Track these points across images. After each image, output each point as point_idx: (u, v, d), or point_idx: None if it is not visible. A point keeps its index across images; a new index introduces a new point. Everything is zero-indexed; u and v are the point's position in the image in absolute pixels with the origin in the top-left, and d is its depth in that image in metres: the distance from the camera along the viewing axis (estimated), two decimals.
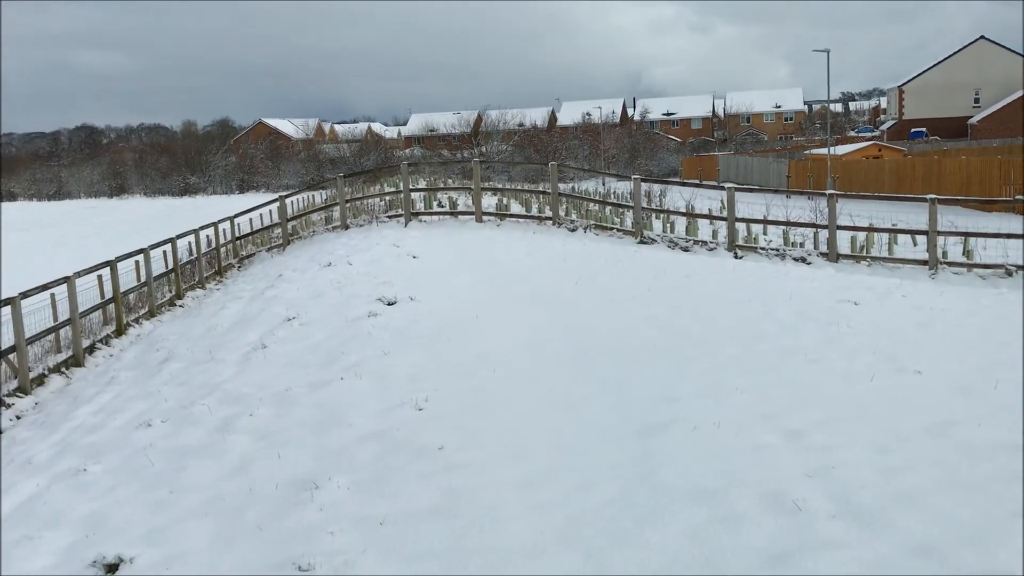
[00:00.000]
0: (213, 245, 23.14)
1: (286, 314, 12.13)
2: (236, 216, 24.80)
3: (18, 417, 11.56)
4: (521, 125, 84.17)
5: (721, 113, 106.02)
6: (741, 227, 17.34)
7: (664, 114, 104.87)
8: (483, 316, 10.66)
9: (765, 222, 18.26)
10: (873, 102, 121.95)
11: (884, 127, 76.15)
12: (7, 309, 12.46)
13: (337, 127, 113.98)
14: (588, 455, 5.97)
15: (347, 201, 23.57)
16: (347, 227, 22.54)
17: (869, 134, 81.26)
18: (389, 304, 11.79)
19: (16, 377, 13.00)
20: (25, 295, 12.90)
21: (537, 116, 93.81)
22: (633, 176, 19.62)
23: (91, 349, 14.88)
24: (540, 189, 27.08)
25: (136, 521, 5.56)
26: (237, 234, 24.69)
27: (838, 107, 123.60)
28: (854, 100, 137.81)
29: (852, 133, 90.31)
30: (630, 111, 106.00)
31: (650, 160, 68.35)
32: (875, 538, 4.54)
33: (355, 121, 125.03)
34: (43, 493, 6.69)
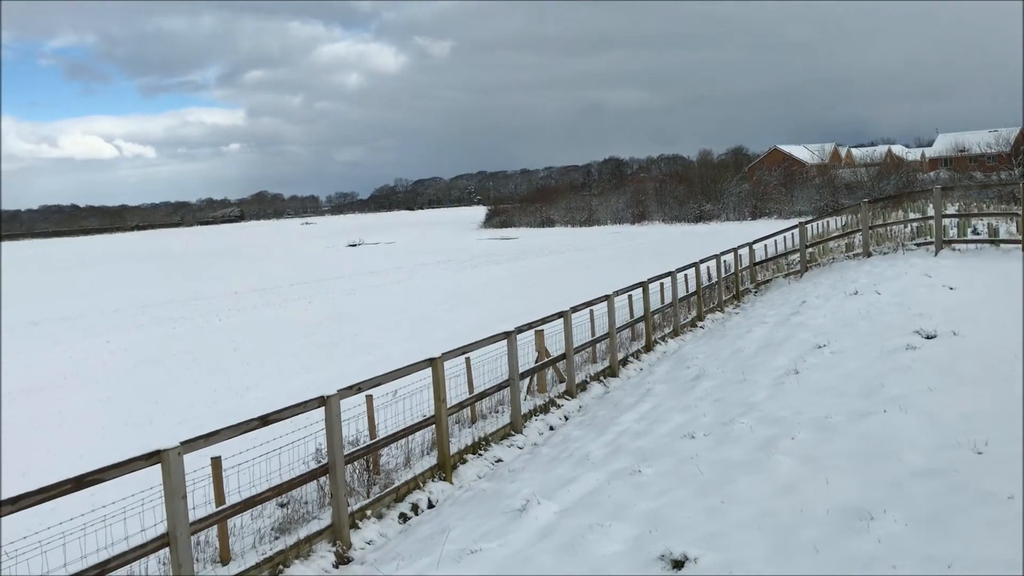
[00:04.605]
0: (731, 270, 23.88)
1: (814, 341, 12.02)
2: (754, 243, 25.32)
3: (566, 418, 13.08)
4: None
5: None
6: None
7: None
8: None
9: None
10: None
11: None
12: (559, 321, 14.19)
13: (854, 151, 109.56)
14: None
15: (869, 228, 22.67)
16: (869, 254, 21.69)
17: None
18: (928, 337, 11.04)
19: (563, 382, 14.76)
20: (575, 309, 14.59)
21: None
22: None
23: (623, 362, 16.30)
24: None
25: (693, 524, 5.96)
26: (753, 260, 25.17)
27: None
28: None
29: None
30: None
31: None
32: None
33: (873, 144, 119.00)
34: (604, 487, 7.50)
